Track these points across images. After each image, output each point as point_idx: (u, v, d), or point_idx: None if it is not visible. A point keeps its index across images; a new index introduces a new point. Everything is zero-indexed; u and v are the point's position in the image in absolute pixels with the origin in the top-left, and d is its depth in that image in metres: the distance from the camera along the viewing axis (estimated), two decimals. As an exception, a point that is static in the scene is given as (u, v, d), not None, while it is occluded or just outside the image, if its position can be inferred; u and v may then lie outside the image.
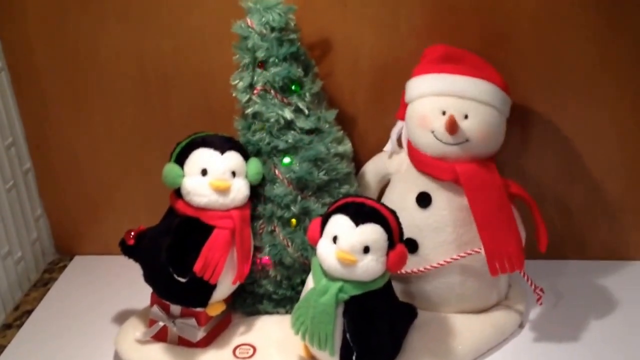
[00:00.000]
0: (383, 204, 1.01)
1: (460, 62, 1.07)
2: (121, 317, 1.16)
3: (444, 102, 1.05)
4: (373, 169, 1.17)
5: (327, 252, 0.96)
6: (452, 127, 1.03)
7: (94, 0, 1.17)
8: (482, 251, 1.04)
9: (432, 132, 1.05)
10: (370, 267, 0.95)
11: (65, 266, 1.33)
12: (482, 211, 1.03)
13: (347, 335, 0.96)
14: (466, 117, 1.04)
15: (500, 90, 1.06)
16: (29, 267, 1.28)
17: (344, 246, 0.95)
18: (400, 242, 0.98)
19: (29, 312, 1.21)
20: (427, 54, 1.09)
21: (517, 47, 1.14)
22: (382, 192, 1.16)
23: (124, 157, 1.27)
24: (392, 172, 1.14)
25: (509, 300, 1.14)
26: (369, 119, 1.19)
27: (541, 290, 1.10)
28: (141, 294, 1.10)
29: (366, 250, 0.95)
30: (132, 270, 1.08)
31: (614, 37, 1.12)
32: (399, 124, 1.12)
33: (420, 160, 1.08)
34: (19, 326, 1.18)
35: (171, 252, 1.02)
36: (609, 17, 1.11)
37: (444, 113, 1.04)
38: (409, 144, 1.10)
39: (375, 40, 1.15)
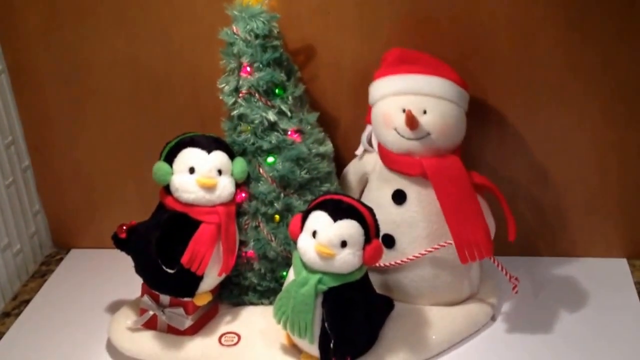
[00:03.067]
0: (360, 201, 1.03)
1: (415, 62, 1.09)
2: (114, 307, 1.18)
3: (403, 101, 1.07)
4: (353, 170, 1.19)
5: (307, 246, 0.99)
6: (411, 121, 1.04)
7: (90, 8, 1.18)
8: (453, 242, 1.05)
9: (395, 129, 1.07)
10: (347, 260, 0.98)
11: (61, 259, 1.35)
12: (449, 201, 1.05)
13: (325, 324, 0.98)
14: (425, 112, 1.06)
15: (456, 85, 1.08)
16: (27, 259, 1.30)
17: (323, 240, 0.97)
18: (376, 237, 1.00)
19: (26, 302, 1.23)
20: (385, 58, 1.11)
21: (492, 54, 1.15)
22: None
23: (117, 156, 1.29)
24: (369, 172, 1.16)
25: (482, 294, 1.15)
26: (349, 121, 1.21)
27: (516, 279, 1.11)
28: (133, 284, 1.12)
29: (343, 244, 0.97)
30: (124, 262, 1.10)
31: (583, 46, 1.13)
32: (368, 127, 1.14)
33: (389, 159, 1.10)
34: (17, 315, 1.20)
35: (160, 245, 1.04)
36: (578, 27, 1.12)
37: (404, 111, 1.06)
38: (379, 144, 1.12)
39: (357, 47, 1.16)
